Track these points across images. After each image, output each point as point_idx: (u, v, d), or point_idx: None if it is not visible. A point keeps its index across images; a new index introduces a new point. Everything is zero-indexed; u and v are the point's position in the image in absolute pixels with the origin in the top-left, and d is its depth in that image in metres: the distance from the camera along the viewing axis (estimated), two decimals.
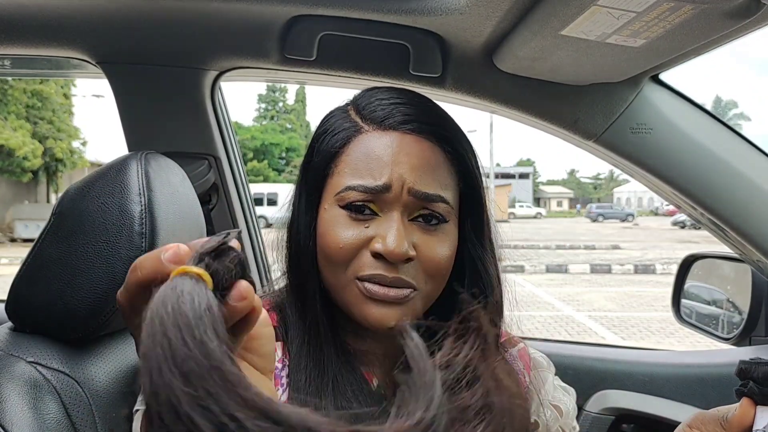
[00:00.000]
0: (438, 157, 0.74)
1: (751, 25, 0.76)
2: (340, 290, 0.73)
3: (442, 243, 0.74)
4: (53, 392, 0.76)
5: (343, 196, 0.72)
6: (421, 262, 0.72)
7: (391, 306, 0.71)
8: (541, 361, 0.90)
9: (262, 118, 47.44)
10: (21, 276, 0.82)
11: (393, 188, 0.71)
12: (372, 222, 0.72)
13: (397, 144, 0.72)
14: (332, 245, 0.72)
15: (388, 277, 0.70)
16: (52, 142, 20.05)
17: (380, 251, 0.70)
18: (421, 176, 0.72)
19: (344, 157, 0.74)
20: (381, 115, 0.74)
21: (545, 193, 75.79)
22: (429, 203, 0.72)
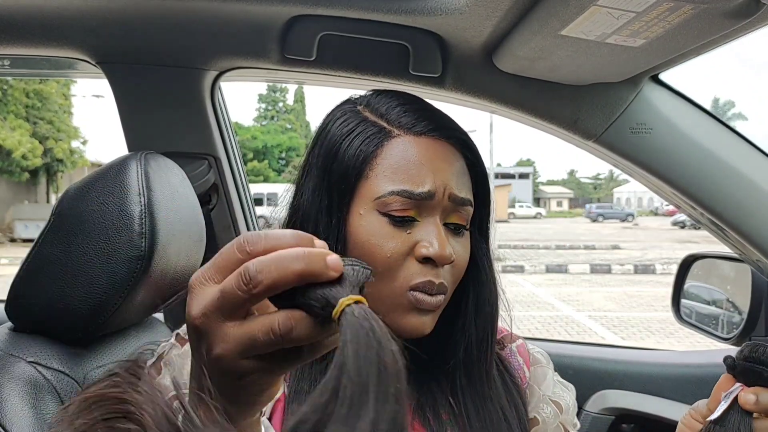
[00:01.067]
0: (462, 162, 0.76)
1: (750, 25, 0.76)
2: (384, 299, 0.71)
3: (465, 247, 0.76)
4: (53, 392, 0.76)
5: (384, 201, 0.70)
6: (453, 267, 0.74)
7: (428, 314, 0.72)
8: (539, 358, 0.91)
9: (262, 118, 47.45)
10: (21, 276, 0.83)
11: (437, 195, 0.71)
12: (413, 228, 0.71)
13: (432, 150, 0.73)
14: (379, 255, 0.70)
15: (436, 283, 0.71)
16: (52, 142, 20.05)
17: (429, 255, 0.70)
18: (458, 180, 0.74)
19: (380, 159, 0.72)
20: (408, 121, 0.74)
21: (545, 193, 75.79)
22: (462, 207, 0.74)
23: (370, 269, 0.40)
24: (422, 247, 0.71)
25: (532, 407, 0.86)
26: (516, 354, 0.89)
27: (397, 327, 0.71)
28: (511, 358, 0.89)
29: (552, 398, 0.87)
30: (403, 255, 0.71)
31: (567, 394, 0.89)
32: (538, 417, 0.86)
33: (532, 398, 0.86)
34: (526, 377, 0.88)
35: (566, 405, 0.88)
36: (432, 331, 0.78)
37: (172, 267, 0.88)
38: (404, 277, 0.71)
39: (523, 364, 0.89)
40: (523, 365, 0.89)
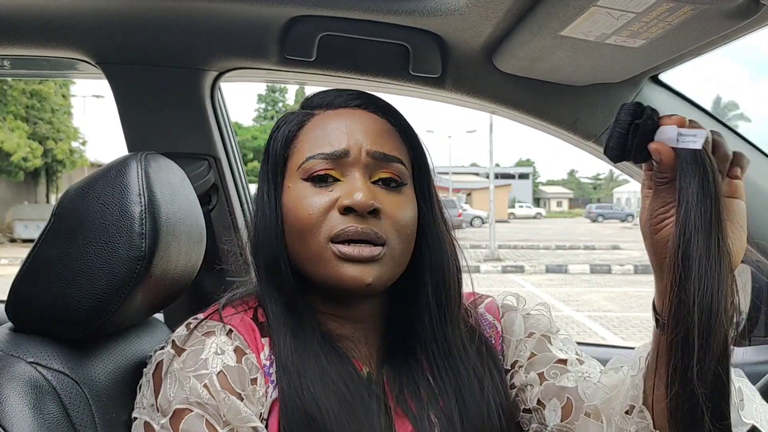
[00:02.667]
0: (387, 127, 0.81)
1: (750, 26, 0.76)
2: (314, 259, 0.75)
3: (405, 204, 0.79)
4: (53, 393, 0.76)
5: (305, 167, 0.77)
6: (387, 218, 0.76)
7: (366, 264, 0.74)
8: (508, 303, 0.91)
9: (261, 118, 47.45)
10: (21, 276, 0.82)
11: (351, 152, 0.76)
12: (335, 186, 0.76)
13: (349, 117, 0.80)
14: (301, 214, 0.75)
15: (359, 227, 0.74)
16: (52, 142, 20.04)
17: (347, 204, 0.74)
18: (376, 139, 0.78)
19: (301, 136, 0.80)
20: (328, 100, 0.82)
21: (545, 193, 75.79)
22: (387, 163, 0.78)
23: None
24: (343, 199, 0.74)
25: (513, 355, 0.86)
26: (485, 314, 0.90)
27: (339, 279, 0.74)
28: (482, 320, 0.89)
29: (526, 337, 0.86)
30: (324, 210, 0.75)
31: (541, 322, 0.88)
32: (518, 361, 0.86)
33: (510, 349, 0.87)
34: (500, 332, 0.89)
35: (543, 325, 0.87)
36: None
37: (173, 267, 0.88)
38: (325, 232, 0.75)
39: (494, 320, 0.90)
40: (494, 321, 0.90)
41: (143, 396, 0.76)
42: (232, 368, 0.72)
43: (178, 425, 0.69)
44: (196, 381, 0.70)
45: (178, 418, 0.69)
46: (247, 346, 0.75)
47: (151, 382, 0.75)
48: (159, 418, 0.71)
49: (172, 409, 0.70)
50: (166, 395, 0.71)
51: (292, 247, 0.78)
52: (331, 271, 0.75)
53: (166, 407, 0.70)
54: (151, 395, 0.74)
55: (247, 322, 0.78)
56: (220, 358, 0.72)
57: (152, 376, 0.75)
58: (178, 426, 0.69)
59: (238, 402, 0.70)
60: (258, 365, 0.75)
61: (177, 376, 0.71)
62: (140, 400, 0.76)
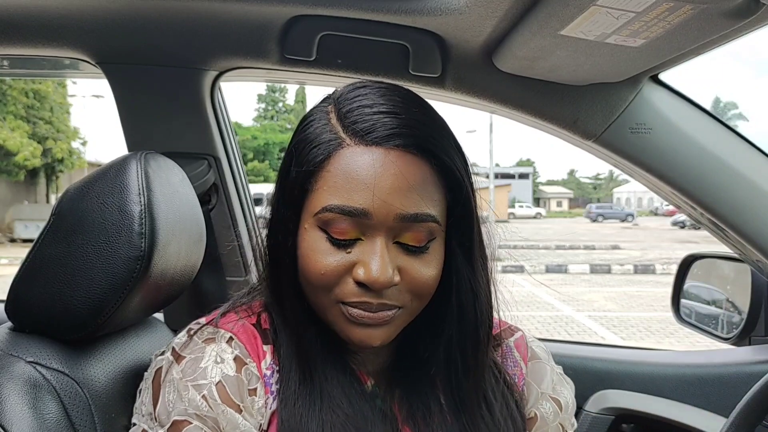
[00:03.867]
0: (425, 172, 0.68)
1: (750, 25, 0.76)
2: (322, 310, 0.72)
3: (429, 264, 0.70)
4: (53, 392, 0.76)
5: (321, 217, 0.68)
6: (406, 284, 0.69)
7: (376, 327, 0.70)
8: (538, 353, 0.87)
9: (261, 118, 47.43)
10: (21, 276, 0.82)
11: (374, 214, 0.66)
12: (354, 247, 0.68)
13: (380, 163, 0.67)
14: (313, 271, 0.69)
15: (373, 304, 0.68)
16: (52, 142, 20.04)
17: (362, 280, 0.67)
18: (406, 197, 0.67)
19: (324, 173, 0.68)
20: (364, 128, 0.68)
21: (545, 193, 75.80)
22: (416, 224, 0.68)
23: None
24: (359, 269, 0.67)
25: (531, 404, 0.84)
26: (513, 349, 0.86)
27: (347, 338, 0.71)
28: (508, 355, 0.86)
29: (552, 395, 0.85)
30: (338, 274, 0.68)
31: (567, 390, 0.87)
32: (537, 413, 0.84)
33: (530, 396, 0.84)
34: (524, 373, 0.85)
35: (565, 402, 0.86)
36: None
37: (172, 267, 0.88)
38: (335, 294, 0.69)
39: (520, 359, 0.86)
40: (520, 361, 0.86)
41: (142, 403, 0.74)
42: (231, 378, 0.70)
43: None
44: (195, 392, 0.69)
45: (176, 429, 0.68)
46: (248, 355, 0.73)
47: (150, 389, 0.74)
48: (157, 428, 0.70)
49: (170, 420, 0.69)
50: (165, 405, 0.70)
51: (304, 288, 0.73)
52: (339, 329, 0.71)
53: (165, 418, 0.69)
54: (150, 403, 0.72)
55: (249, 329, 0.76)
56: (220, 367, 0.71)
57: (151, 383, 0.74)
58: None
59: (237, 415, 0.69)
60: (258, 374, 0.73)
61: (176, 385, 0.70)
62: (139, 407, 0.75)
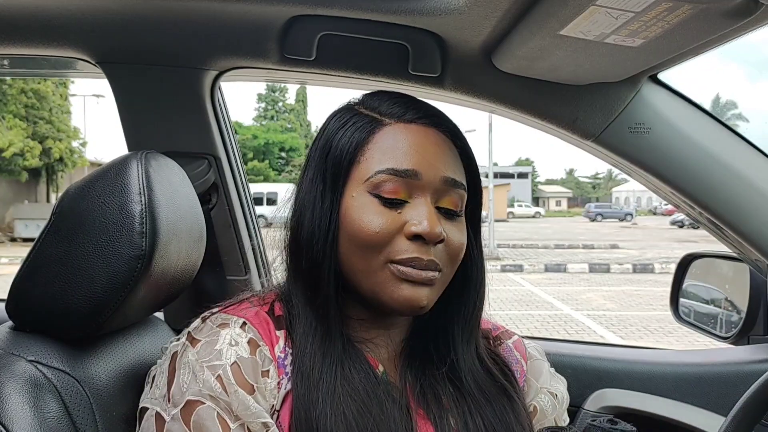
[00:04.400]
0: (454, 150, 0.80)
1: (749, 25, 0.76)
2: (370, 274, 0.75)
3: (461, 231, 0.79)
4: (54, 391, 0.76)
5: (373, 181, 0.75)
6: (447, 246, 0.76)
7: (422, 286, 0.74)
8: (534, 353, 0.95)
9: (261, 118, 47.39)
10: (21, 275, 0.83)
11: (422, 174, 0.75)
12: (403, 208, 0.75)
13: (422, 135, 0.77)
14: (367, 230, 0.74)
15: (424, 259, 0.73)
16: (51, 142, 20.02)
17: (419, 232, 0.73)
18: (447, 163, 0.77)
19: (371, 145, 0.77)
20: (399, 111, 0.79)
21: (544, 192, 75.84)
22: (455, 189, 0.77)
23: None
24: (412, 225, 0.74)
25: (531, 398, 0.90)
26: (513, 349, 0.93)
27: (393, 299, 0.74)
28: (509, 353, 0.92)
29: (549, 390, 0.91)
30: (392, 232, 0.74)
31: (561, 386, 0.94)
32: (537, 406, 0.90)
33: (530, 390, 0.90)
34: (525, 371, 0.92)
35: (561, 397, 0.92)
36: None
37: (173, 266, 0.89)
38: (386, 253, 0.74)
39: (520, 358, 0.93)
40: (520, 359, 0.92)
41: (156, 386, 0.76)
42: (246, 360, 0.72)
43: (189, 417, 0.70)
44: (210, 373, 0.71)
45: (189, 409, 0.70)
46: (261, 338, 0.76)
47: (165, 373, 0.76)
48: (170, 409, 0.71)
49: (184, 399, 0.71)
50: (180, 386, 0.72)
51: (345, 256, 0.76)
52: (387, 290, 0.74)
53: (179, 398, 0.71)
54: (164, 385, 0.74)
55: (262, 315, 0.79)
56: (234, 349, 0.73)
57: (167, 367, 0.76)
58: (190, 417, 0.69)
59: (249, 397, 0.71)
60: (271, 357, 0.75)
61: (191, 366, 0.72)
62: (153, 391, 0.76)
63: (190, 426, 0.69)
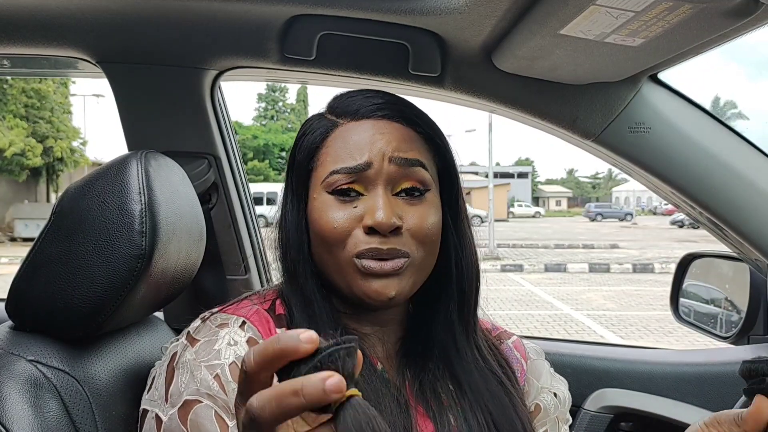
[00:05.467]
0: (412, 134, 0.80)
1: (749, 25, 0.76)
2: (339, 271, 0.77)
3: (428, 211, 0.78)
4: (54, 391, 0.76)
5: (329, 181, 0.77)
6: (410, 230, 0.77)
7: (389, 278, 0.75)
8: (534, 354, 0.95)
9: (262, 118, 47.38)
10: (21, 275, 0.83)
11: (374, 164, 0.76)
12: (359, 201, 0.76)
13: (372, 128, 0.78)
14: (326, 227, 0.76)
15: (383, 249, 0.74)
16: (52, 141, 20.02)
17: (370, 224, 0.74)
18: (398, 146, 0.77)
19: (325, 149, 0.79)
20: (353, 109, 0.80)
21: (544, 192, 75.83)
22: (409, 168, 0.77)
23: (352, 345, 0.42)
24: (366, 219, 0.75)
25: (533, 397, 0.90)
26: (513, 349, 0.93)
27: (363, 293, 0.75)
28: (509, 353, 0.92)
29: (550, 389, 0.91)
30: (348, 226, 0.76)
31: (563, 386, 0.94)
32: (540, 405, 0.90)
33: (531, 390, 0.90)
34: (525, 370, 0.92)
35: (563, 397, 0.92)
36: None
37: (173, 266, 0.89)
38: (349, 248, 0.75)
39: (520, 358, 0.93)
40: (520, 359, 0.93)
41: (155, 388, 0.76)
42: None
43: (186, 416, 0.70)
44: (207, 372, 0.71)
45: (187, 408, 0.70)
46: (261, 337, 0.76)
47: (164, 374, 0.76)
48: (168, 409, 0.71)
49: (181, 399, 0.71)
50: (178, 386, 0.72)
51: (318, 256, 0.79)
52: (356, 285, 0.76)
53: (176, 398, 0.71)
54: (163, 386, 0.74)
55: (262, 313, 0.80)
56: (233, 349, 0.73)
57: (166, 367, 0.76)
58: (187, 417, 0.70)
59: None
60: None
61: (189, 366, 0.73)
62: (152, 393, 0.76)
63: (188, 425, 0.69)
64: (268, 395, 0.41)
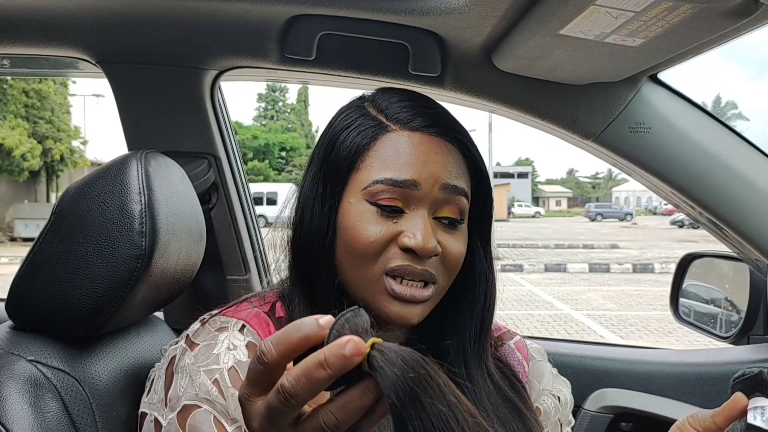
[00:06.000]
0: (459, 158, 0.78)
1: (749, 25, 0.76)
2: (363, 285, 0.75)
3: (459, 240, 0.77)
4: (54, 391, 0.76)
5: (371, 190, 0.73)
6: (442, 258, 0.75)
7: (415, 305, 0.74)
8: (537, 354, 0.94)
9: (262, 118, 47.38)
10: (21, 275, 0.83)
11: (422, 186, 0.73)
12: (400, 218, 0.74)
13: (425, 144, 0.75)
14: (361, 240, 0.73)
15: (417, 269, 0.73)
16: (52, 141, 20.02)
17: (411, 246, 0.72)
18: (449, 171, 0.75)
19: (372, 152, 0.75)
20: (406, 117, 0.76)
21: (544, 192, 75.84)
22: (455, 197, 0.75)
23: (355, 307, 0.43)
24: (405, 237, 0.73)
25: (534, 399, 0.89)
26: (515, 350, 0.92)
27: (385, 314, 0.74)
28: (511, 354, 0.91)
29: (552, 392, 0.90)
30: (385, 242, 0.73)
31: (565, 388, 0.93)
32: (540, 408, 0.89)
33: (532, 392, 0.89)
34: (527, 372, 0.91)
35: (564, 399, 0.91)
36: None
37: (173, 266, 0.89)
38: (381, 263, 0.73)
39: (522, 359, 0.92)
40: (522, 360, 0.92)
41: (154, 391, 0.76)
42: (244, 364, 0.72)
43: (185, 421, 0.69)
44: (206, 377, 0.70)
45: (185, 413, 0.70)
46: (260, 341, 0.75)
47: (163, 377, 0.75)
48: (167, 414, 0.71)
49: (180, 404, 0.70)
50: (176, 390, 0.71)
51: (341, 264, 0.76)
52: (379, 304, 0.74)
53: (175, 402, 0.71)
54: (162, 390, 0.74)
55: (262, 317, 0.78)
56: (232, 353, 0.72)
57: (164, 371, 0.76)
58: (185, 422, 0.69)
59: None
60: None
61: (188, 370, 0.72)
62: (151, 396, 0.76)
63: (186, 430, 0.69)
64: (296, 373, 0.41)
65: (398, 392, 0.39)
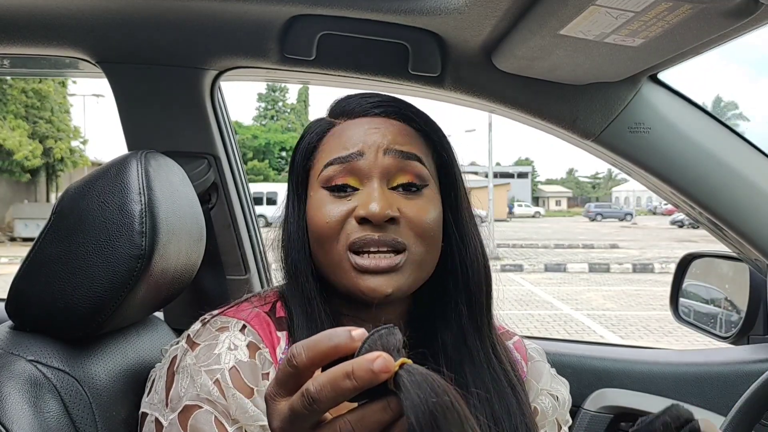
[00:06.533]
0: (408, 130, 0.80)
1: (749, 25, 0.76)
2: (333, 267, 0.76)
3: (426, 205, 0.77)
4: (54, 391, 0.76)
5: (324, 176, 0.77)
6: (407, 223, 0.75)
7: (386, 274, 0.73)
8: (535, 354, 0.94)
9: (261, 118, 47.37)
10: (21, 275, 0.83)
11: (367, 154, 0.76)
12: (354, 195, 0.76)
13: (367, 123, 0.79)
14: (320, 222, 0.76)
15: (375, 236, 0.73)
16: (52, 141, 20.02)
17: (363, 215, 0.73)
18: (394, 139, 0.77)
19: (322, 146, 0.80)
20: (350, 108, 0.81)
21: (544, 192, 75.85)
22: (405, 162, 0.76)
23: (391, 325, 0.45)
24: (359, 210, 0.74)
25: (531, 399, 0.88)
26: (513, 350, 0.92)
27: (358, 291, 0.74)
28: (510, 354, 0.90)
29: (550, 392, 0.91)
30: (341, 219, 0.75)
31: (563, 388, 0.93)
32: (538, 408, 0.89)
33: (531, 392, 0.89)
34: (525, 372, 0.91)
35: (562, 399, 0.91)
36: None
37: (173, 266, 0.89)
38: (342, 241, 0.75)
39: (520, 359, 0.92)
40: (521, 360, 0.91)
41: (155, 391, 0.76)
42: (245, 364, 0.72)
43: (186, 421, 0.69)
44: (208, 377, 0.71)
45: (187, 414, 0.70)
46: (261, 341, 0.76)
47: (164, 378, 0.75)
48: (168, 414, 0.71)
49: (181, 404, 0.70)
50: (178, 390, 0.72)
51: (315, 255, 0.78)
52: (350, 282, 0.74)
53: (176, 402, 0.71)
54: (163, 390, 0.74)
55: (263, 316, 0.79)
56: (233, 353, 0.73)
57: (166, 371, 0.76)
58: (187, 422, 0.69)
59: (247, 400, 0.70)
60: (272, 359, 0.75)
61: (189, 370, 0.72)
62: (152, 396, 0.76)
63: (188, 430, 0.69)
64: (322, 380, 0.42)
65: (418, 414, 0.40)
